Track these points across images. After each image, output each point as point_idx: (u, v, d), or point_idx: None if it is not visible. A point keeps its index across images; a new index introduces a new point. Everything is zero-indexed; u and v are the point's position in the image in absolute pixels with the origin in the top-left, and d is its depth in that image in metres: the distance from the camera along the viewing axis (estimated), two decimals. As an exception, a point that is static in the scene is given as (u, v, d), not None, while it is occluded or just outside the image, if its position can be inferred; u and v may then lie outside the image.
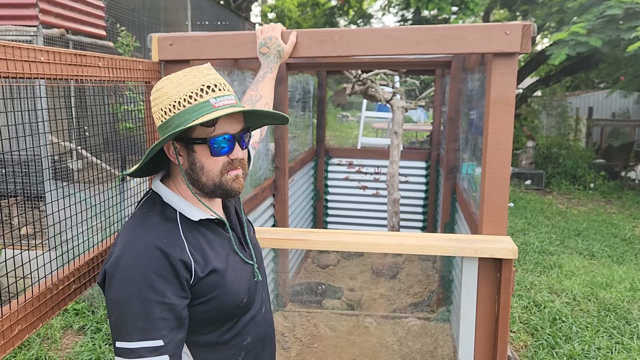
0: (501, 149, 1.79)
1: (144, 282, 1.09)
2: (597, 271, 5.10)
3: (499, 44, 1.72)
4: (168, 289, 1.11)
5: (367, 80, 4.66)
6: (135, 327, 1.08)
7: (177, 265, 1.13)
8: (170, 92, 1.19)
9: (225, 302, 1.22)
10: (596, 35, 6.79)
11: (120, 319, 1.09)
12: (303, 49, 1.85)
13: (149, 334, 1.08)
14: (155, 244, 1.13)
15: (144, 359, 1.08)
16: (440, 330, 3.68)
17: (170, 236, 1.16)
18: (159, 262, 1.11)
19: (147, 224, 1.18)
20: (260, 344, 1.36)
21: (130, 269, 1.10)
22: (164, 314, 1.10)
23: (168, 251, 1.13)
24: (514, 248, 1.72)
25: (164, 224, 1.19)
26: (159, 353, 1.09)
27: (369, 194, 5.59)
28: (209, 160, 1.20)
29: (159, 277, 1.10)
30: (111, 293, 1.12)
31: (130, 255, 1.12)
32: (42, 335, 3.71)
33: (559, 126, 11.56)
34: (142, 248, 1.12)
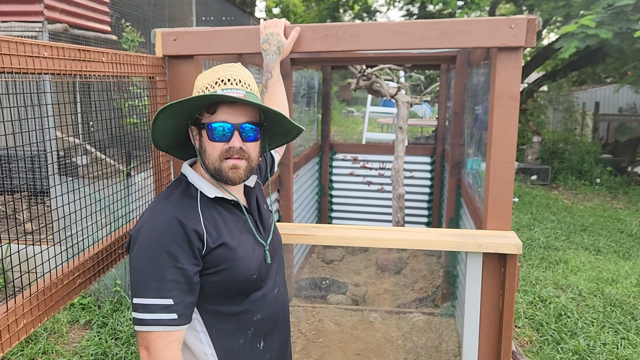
0: (506, 144, 1.78)
1: (160, 247, 1.23)
2: (603, 267, 5.08)
3: (504, 38, 1.70)
4: (181, 254, 1.23)
5: (372, 75, 4.64)
6: (150, 286, 1.22)
7: (191, 234, 1.25)
8: (197, 84, 1.40)
9: (234, 275, 1.31)
10: (606, 28, 6.73)
11: (138, 279, 1.24)
12: (306, 43, 1.84)
13: (161, 293, 1.21)
14: (173, 215, 1.27)
15: (155, 314, 1.21)
16: (445, 326, 3.68)
17: (188, 210, 1.30)
18: (174, 231, 1.24)
19: (168, 200, 1.33)
20: (270, 323, 1.43)
21: (149, 236, 1.25)
22: (176, 277, 1.23)
23: (184, 222, 1.26)
24: (519, 243, 1.71)
25: (184, 199, 1.33)
26: (168, 311, 1.22)
27: (373, 189, 5.59)
28: (209, 145, 1.33)
29: (173, 244, 1.23)
30: (132, 256, 1.27)
31: (150, 224, 1.26)
32: (49, 329, 3.74)
33: (565, 121, 11.50)
34: (161, 219, 1.27)
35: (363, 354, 3.33)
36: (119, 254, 1.73)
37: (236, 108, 1.31)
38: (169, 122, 1.34)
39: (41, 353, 3.46)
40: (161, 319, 1.21)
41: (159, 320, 1.21)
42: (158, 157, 1.96)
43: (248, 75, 1.40)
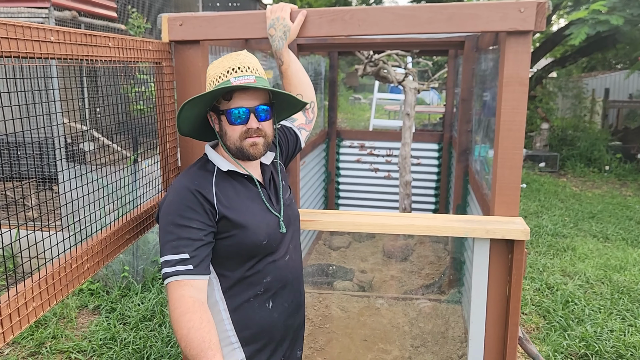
0: (514, 130, 1.77)
1: (176, 212, 1.43)
2: (611, 254, 5.06)
3: (513, 22, 1.68)
4: (194, 217, 1.42)
5: (379, 61, 4.61)
6: (170, 244, 1.41)
7: (203, 200, 1.44)
8: (210, 73, 1.53)
9: (244, 240, 1.48)
10: (617, 14, 6.63)
11: (163, 240, 1.43)
12: (313, 28, 1.83)
13: (178, 249, 1.40)
14: (189, 184, 1.47)
15: (174, 267, 1.39)
16: (452, 312, 3.69)
17: (202, 181, 1.49)
18: (188, 197, 1.44)
19: (188, 173, 1.53)
20: (279, 285, 1.58)
21: (169, 203, 1.45)
22: (191, 235, 1.41)
23: (197, 189, 1.45)
24: (526, 229, 1.70)
25: (201, 172, 1.52)
26: (185, 263, 1.39)
27: (380, 176, 5.57)
28: (229, 128, 1.50)
29: (187, 208, 1.43)
30: (159, 223, 1.48)
31: (171, 194, 1.47)
32: (59, 314, 3.78)
33: (575, 108, 11.38)
34: (180, 188, 1.47)
35: (369, 340, 3.35)
36: (127, 239, 1.74)
37: (249, 93, 1.48)
38: (192, 111, 1.51)
39: (51, 337, 3.50)
40: (179, 269, 1.38)
41: (178, 271, 1.38)
42: (165, 143, 1.96)
43: (255, 60, 1.55)
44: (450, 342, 3.34)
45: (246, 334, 1.54)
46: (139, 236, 1.83)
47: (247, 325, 1.54)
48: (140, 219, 1.82)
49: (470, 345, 1.88)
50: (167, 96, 1.94)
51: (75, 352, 3.35)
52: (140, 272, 4.22)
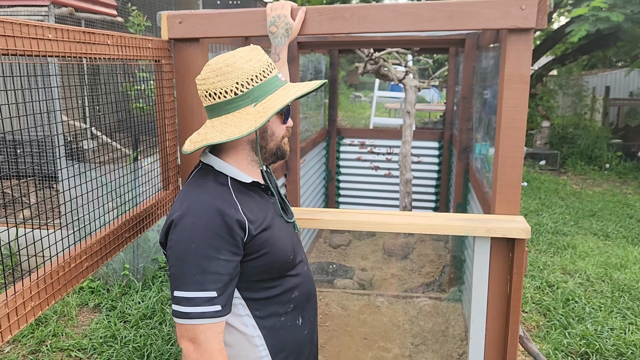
0: (515, 128, 1.76)
1: (203, 239, 1.22)
2: (611, 252, 5.05)
3: (514, 20, 1.67)
4: (223, 246, 1.23)
5: (380, 59, 4.60)
6: (193, 279, 1.21)
7: (233, 224, 1.24)
8: (244, 67, 1.30)
9: (275, 257, 1.34)
10: (618, 11, 6.61)
11: (180, 272, 1.23)
12: (313, 26, 1.82)
13: (204, 285, 1.21)
14: (213, 205, 1.25)
15: (200, 307, 1.21)
16: (452, 310, 3.69)
17: (226, 198, 1.28)
18: (216, 222, 1.23)
19: (203, 188, 1.30)
20: (305, 299, 1.48)
21: (191, 227, 1.23)
22: (218, 269, 1.23)
23: (225, 211, 1.25)
24: (527, 228, 1.70)
25: (218, 187, 1.31)
26: (212, 303, 1.22)
27: (381, 174, 5.57)
28: (279, 128, 1.38)
29: (216, 235, 1.22)
30: (173, 249, 1.25)
31: (190, 215, 1.24)
32: (59, 312, 3.78)
33: (575, 106, 11.37)
34: (201, 208, 1.25)
35: (370, 338, 3.35)
36: (126, 237, 1.73)
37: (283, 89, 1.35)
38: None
39: (51, 335, 3.50)
40: (206, 311, 1.21)
41: (205, 313, 1.21)
42: (164, 141, 1.96)
43: None
44: (450, 341, 3.33)
45: (281, 357, 1.42)
46: (139, 234, 1.83)
47: (282, 348, 1.42)
48: (140, 217, 1.81)
49: (471, 343, 1.88)
50: (166, 94, 1.93)
51: (76, 350, 3.35)
52: (141, 270, 4.22)
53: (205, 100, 1.34)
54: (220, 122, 1.30)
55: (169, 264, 1.27)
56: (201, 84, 1.33)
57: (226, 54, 1.33)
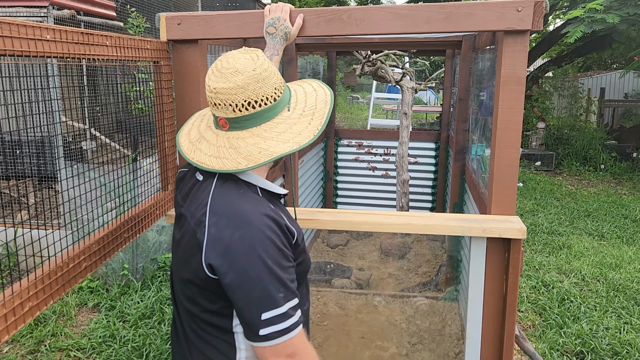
0: (511, 129, 1.78)
1: (275, 253, 1.16)
2: (606, 252, 5.08)
3: (511, 22, 1.69)
4: (289, 253, 1.20)
5: (377, 61, 4.61)
6: (279, 295, 1.14)
7: (286, 231, 1.21)
8: (275, 71, 1.26)
9: (304, 267, 1.33)
10: (613, 13, 6.65)
11: (265, 293, 1.14)
12: (311, 28, 1.83)
13: (289, 295, 1.17)
14: (269, 218, 1.19)
15: (292, 317, 1.16)
16: (449, 309, 3.71)
17: (270, 207, 1.23)
18: (278, 233, 1.18)
19: (249, 201, 1.22)
20: (306, 308, 1.44)
21: (261, 245, 1.15)
22: (292, 276, 1.20)
23: (280, 221, 1.20)
24: (523, 228, 1.72)
25: (259, 198, 1.25)
26: (297, 308, 1.19)
27: (378, 175, 5.59)
28: None
29: (282, 246, 1.18)
30: (248, 272, 1.14)
31: (254, 233, 1.15)
32: (58, 312, 3.78)
33: (571, 107, 11.43)
34: (262, 224, 1.17)
35: (367, 337, 3.36)
36: (125, 237, 1.74)
37: None
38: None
39: (50, 335, 3.51)
40: (298, 319, 1.17)
41: (297, 321, 1.17)
42: (163, 142, 1.97)
43: None
44: (447, 340, 3.35)
45: None
46: (138, 234, 1.84)
47: None
48: (139, 217, 1.82)
49: (467, 342, 1.90)
50: (165, 95, 1.94)
51: (75, 350, 3.36)
52: (140, 270, 4.22)
53: (240, 110, 1.22)
54: (262, 130, 1.24)
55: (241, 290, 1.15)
56: (237, 93, 1.20)
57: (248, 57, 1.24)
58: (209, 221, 1.19)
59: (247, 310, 1.15)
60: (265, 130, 1.23)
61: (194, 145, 1.31)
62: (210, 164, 1.24)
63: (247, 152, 1.21)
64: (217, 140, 1.27)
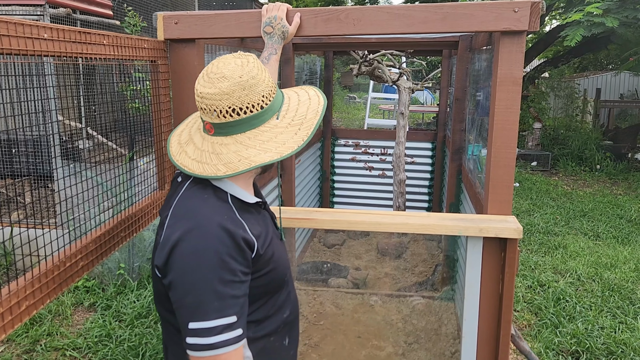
0: (507, 129, 1.78)
1: (217, 263, 1.12)
2: (602, 252, 5.10)
3: (507, 22, 1.70)
4: (238, 267, 1.15)
5: (374, 61, 4.62)
6: (211, 307, 1.11)
7: (243, 244, 1.16)
8: (264, 77, 1.22)
9: (275, 276, 1.28)
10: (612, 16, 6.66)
11: (196, 301, 1.11)
12: (308, 27, 1.83)
13: (224, 312, 1.12)
14: (222, 225, 1.15)
15: (222, 335, 1.12)
16: (445, 309, 3.72)
17: (231, 216, 1.19)
18: (228, 243, 1.14)
19: (207, 206, 1.19)
20: (293, 318, 1.42)
21: (203, 251, 1.12)
22: (235, 292, 1.14)
23: (234, 231, 1.16)
24: (519, 228, 1.72)
25: (222, 205, 1.21)
26: (233, 328, 1.13)
27: (375, 175, 5.59)
28: None
29: (229, 257, 1.13)
30: (184, 276, 1.13)
31: (200, 237, 1.14)
32: (54, 311, 3.77)
33: (567, 108, 11.46)
34: (211, 230, 1.14)
35: (363, 337, 3.37)
36: (122, 237, 1.74)
37: None
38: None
39: (46, 335, 3.50)
40: (229, 338, 1.12)
41: (227, 341, 1.12)
42: (160, 141, 1.97)
43: None
44: (443, 339, 3.36)
45: None
46: (134, 234, 1.84)
47: None
48: (135, 216, 1.82)
49: (464, 342, 1.90)
50: (162, 94, 1.94)
51: (71, 349, 3.35)
52: (136, 269, 4.22)
53: (225, 116, 1.20)
54: (246, 137, 1.22)
55: (175, 292, 1.15)
56: (222, 99, 1.18)
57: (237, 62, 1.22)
58: (168, 223, 1.20)
59: (179, 314, 1.15)
60: (249, 137, 1.21)
61: (182, 147, 1.30)
62: (192, 167, 1.23)
63: (227, 159, 1.20)
64: (203, 144, 1.26)
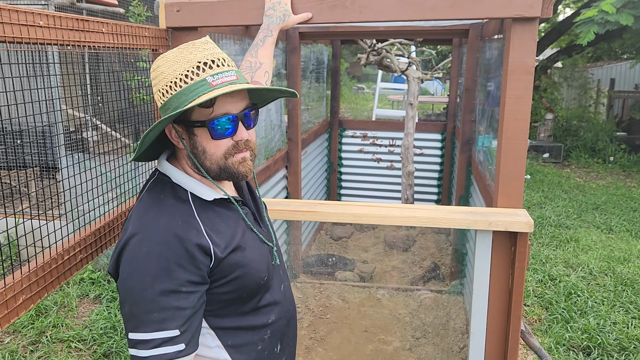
0: (519, 119, 1.73)
1: (160, 270, 1.04)
2: (614, 245, 5.02)
3: (519, 8, 1.64)
4: (185, 277, 1.06)
5: (382, 50, 4.55)
6: (150, 317, 1.03)
7: (194, 251, 1.07)
8: (166, 71, 1.12)
9: (247, 281, 1.17)
10: (627, 12, 6.51)
11: (134, 310, 1.04)
12: (314, 15, 1.78)
13: (164, 324, 1.04)
14: (170, 230, 1.07)
15: (160, 348, 1.04)
16: (453, 303, 3.67)
17: (186, 218, 1.10)
18: (175, 249, 1.06)
19: (159, 207, 1.11)
20: (284, 322, 1.32)
21: (145, 257, 1.05)
22: (180, 303, 1.05)
23: (184, 236, 1.07)
24: (530, 221, 1.67)
25: (177, 205, 1.13)
26: (174, 343, 1.05)
27: (383, 167, 5.54)
28: (210, 144, 1.13)
29: (175, 265, 1.05)
30: (124, 282, 1.06)
31: (144, 242, 1.06)
32: (59, 303, 3.77)
33: (580, 98, 11.30)
34: (157, 234, 1.06)
35: (370, 331, 3.33)
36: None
37: (235, 95, 1.13)
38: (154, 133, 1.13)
39: (51, 326, 3.50)
40: (167, 352, 1.04)
41: (165, 355, 1.04)
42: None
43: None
44: (451, 334, 3.32)
45: None
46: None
47: None
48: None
49: (472, 337, 1.86)
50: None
51: (76, 341, 3.35)
52: (141, 261, 4.21)
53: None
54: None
55: (120, 299, 1.08)
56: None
57: (161, 55, 1.16)
58: (124, 226, 1.14)
59: (124, 322, 1.07)
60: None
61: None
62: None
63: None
64: None
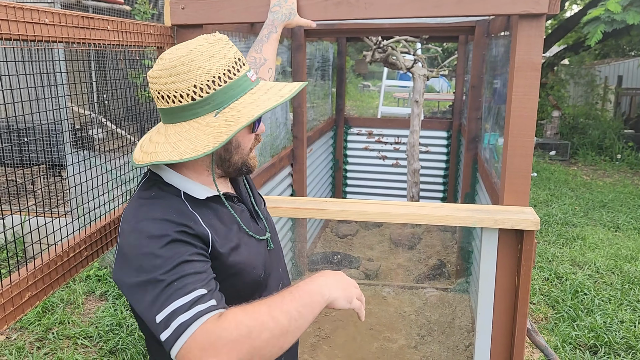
0: (525, 116, 1.72)
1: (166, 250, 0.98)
2: (621, 244, 4.99)
3: (525, 5, 1.62)
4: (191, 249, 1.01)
5: (388, 48, 4.54)
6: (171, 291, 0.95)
7: (194, 234, 1.03)
8: (204, 65, 1.05)
9: (244, 278, 1.14)
10: (634, 10, 6.47)
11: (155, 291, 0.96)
12: (318, 11, 1.78)
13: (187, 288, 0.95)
14: (165, 218, 1.03)
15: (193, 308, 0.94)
16: (459, 301, 3.66)
17: (182, 210, 1.07)
18: (175, 228, 1.01)
19: (151, 204, 1.07)
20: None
21: (146, 245, 0.99)
22: (196, 268, 0.99)
23: (182, 222, 1.03)
24: (536, 219, 1.66)
25: (170, 200, 1.08)
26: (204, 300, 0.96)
27: (388, 164, 5.53)
28: (246, 138, 1.14)
29: (178, 243, 1.00)
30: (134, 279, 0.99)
31: (141, 234, 1.01)
32: (66, 300, 3.79)
33: (587, 95, 11.23)
34: (154, 223, 1.02)
35: (375, 329, 3.33)
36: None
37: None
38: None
39: (58, 323, 3.51)
40: (203, 308, 0.94)
41: (202, 311, 0.94)
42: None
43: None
44: (457, 332, 3.31)
45: None
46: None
47: None
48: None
49: (478, 335, 1.85)
50: (169, 81, 1.90)
51: (82, 338, 3.36)
52: (147, 259, 4.22)
53: (157, 101, 1.10)
54: (175, 131, 1.08)
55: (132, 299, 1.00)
56: (152, 83, 1.09)
57: (184, 46, 1.08)
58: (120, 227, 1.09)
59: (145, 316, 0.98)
60: (174, 130, 1.09)
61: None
62: (136, 156, 1.13)
63: (150, 149, 1.09)
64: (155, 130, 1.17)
